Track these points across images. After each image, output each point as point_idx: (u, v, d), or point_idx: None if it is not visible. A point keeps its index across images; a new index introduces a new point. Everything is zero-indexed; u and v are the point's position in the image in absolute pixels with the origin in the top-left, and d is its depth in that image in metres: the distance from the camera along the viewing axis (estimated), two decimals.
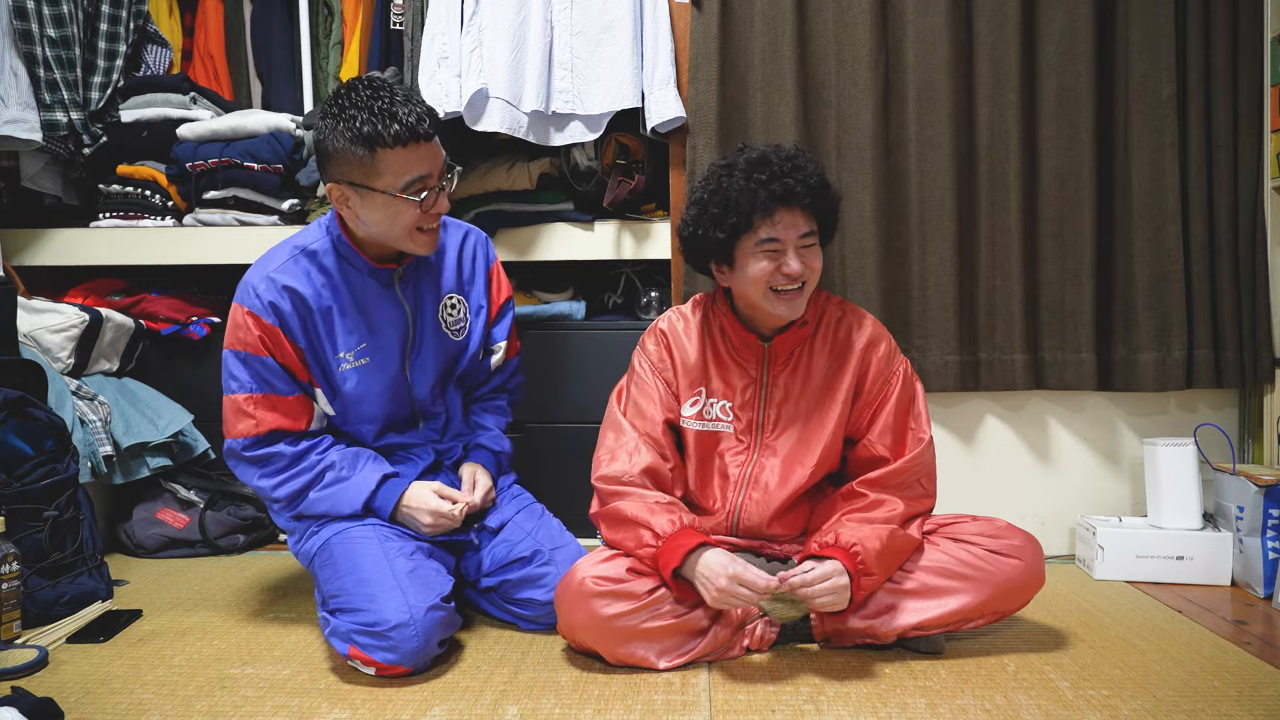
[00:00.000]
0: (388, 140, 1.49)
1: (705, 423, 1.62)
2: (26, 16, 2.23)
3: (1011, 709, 1.32)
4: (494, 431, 1.86)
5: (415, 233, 1.59)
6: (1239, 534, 1.96)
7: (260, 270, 1.63)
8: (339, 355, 1.65)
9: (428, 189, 1.56)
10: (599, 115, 2.18)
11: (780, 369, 1.61)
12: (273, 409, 1.61)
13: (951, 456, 2.25)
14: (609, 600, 1.44)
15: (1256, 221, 2.14)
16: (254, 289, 1.60)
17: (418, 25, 2.20)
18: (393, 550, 1.55)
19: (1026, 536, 1.55)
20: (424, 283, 1.72)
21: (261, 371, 1.60)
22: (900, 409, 1.59)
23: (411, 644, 1.41)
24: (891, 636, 1.51)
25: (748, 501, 1.62)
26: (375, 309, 1.66)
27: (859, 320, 1.63)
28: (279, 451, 1.63)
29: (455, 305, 1.76)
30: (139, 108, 2.43)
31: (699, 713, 1.32)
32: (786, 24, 2.16)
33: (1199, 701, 1.35)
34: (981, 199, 2.18)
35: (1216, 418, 2.22)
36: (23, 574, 1.67)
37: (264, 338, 1.59)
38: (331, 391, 1.67)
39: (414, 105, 1.52)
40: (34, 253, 2.39)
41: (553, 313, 2.32)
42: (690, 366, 1.62)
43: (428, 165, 1.55)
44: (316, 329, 1.63)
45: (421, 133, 1.51)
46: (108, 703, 1.37)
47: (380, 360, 1.67)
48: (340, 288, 1.64)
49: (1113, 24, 2.16)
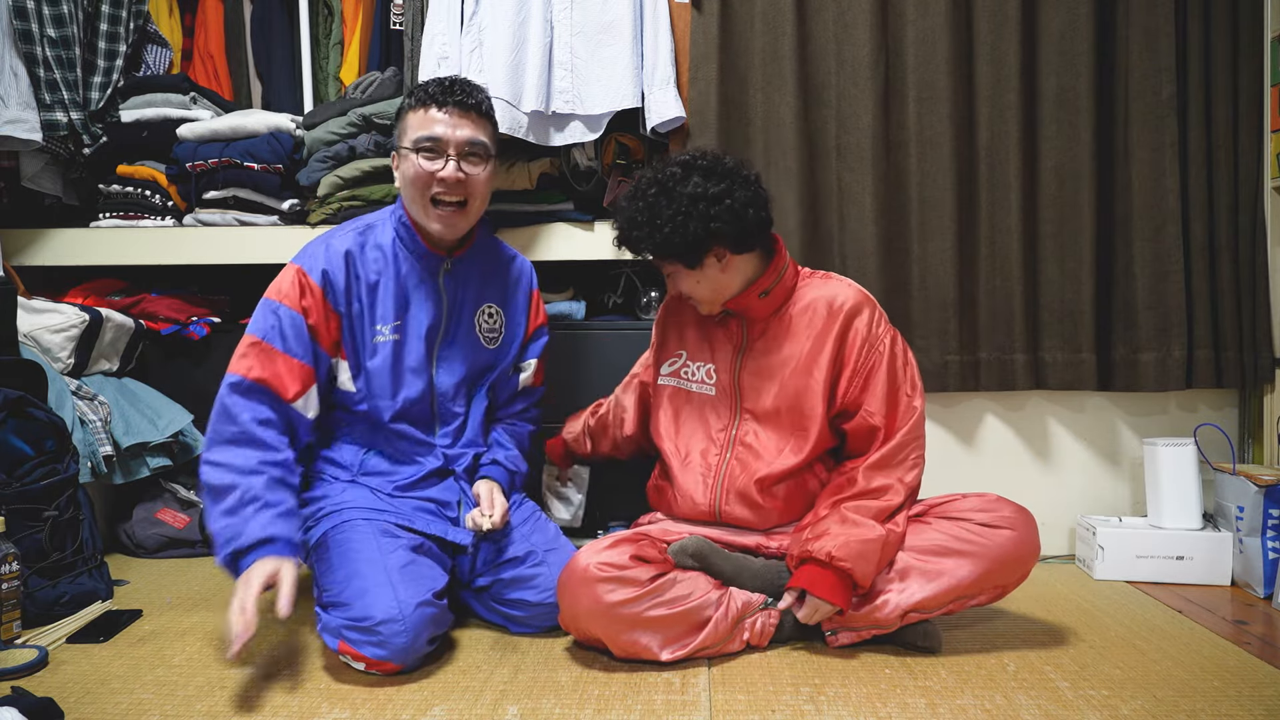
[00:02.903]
0: (415, 99, 1.63)
1: (681, 380, 1.75)
2: (26, 16, 2.23)
3: (1011, 709, 1.32)
4: (514, 453, 1.85)
5: (429, 204, 1.63)
6: (1239, 534, 1.96)
7: (323, 239, 1.69)
8: (375, 328, 1.67)
9: (441, 154, 1.61)
10: (599, 115, 2.18)
11: (757, 337, 1.69)
12: (270, 361, 1.57)
13: (951, 456, 2.26)
14: (613, 586, 1.46)
15: (1256, 221, 2.15)
16: (311, 252, 1.66)
17: (418, 25, 2.20)
18: (388, 545, 1.54)
19: (1017, 508, 1.57)
20: (468, 284, 1.76)
21: (282, 323, 1.59)
22: (891, 377, 1.62)
23: (400, 640, 1.41)
24: (894, 619, 1.53)
25: (734, 463, 1.66)
26: (417, 293, 1.71)
27: (840, 288, 1.67)
28: (249, 416, 1.54)
29: (493, 314, 1.80)
30: (139, 108, 2.43)
31: (699, 713, 1.32)
32: (786, 24, 2.16)
33: (1199, 701, 1.35)
34: (981, 199, 2.18)
35: (1216, 418, 2.22)
36: (23, 574, 1.67)
37: (305, 294, 1.61)
38: (357, 367, 1.68)
39: (464, 84, 1.64)
40: (34, 253, 2.39)
41: (553, 313, 2.31)
42: (683, 331, 1.78)
43: (446, 131, 1.61)
44: (361, 299, 1.66)
45: (448, 101, 1.61)
46: (108, 703, 1.37)
47: (409, 341, 1.70)
48: (389, 264, 1.69)
49: (1113, 24, 2.16)
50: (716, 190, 1.56)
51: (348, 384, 1.68)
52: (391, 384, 1.69)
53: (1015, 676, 1.45)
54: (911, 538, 1.57)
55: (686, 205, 1.55)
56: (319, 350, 1.63)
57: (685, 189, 1.56)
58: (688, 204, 1.55)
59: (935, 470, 1.69)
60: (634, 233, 1.61)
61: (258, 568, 1.41)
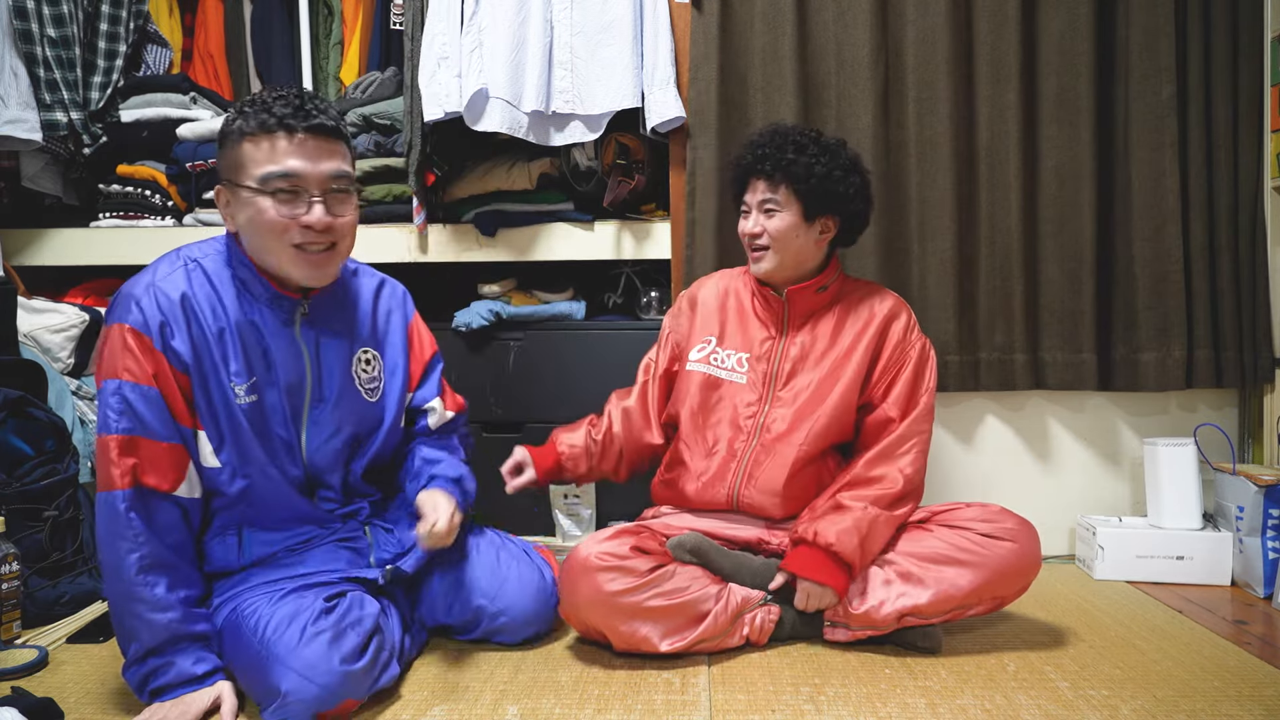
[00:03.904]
0: (251, 126, 1.31)
1: (712, 367, 1.74)
2: (26, 16, 2.23)
3: (1011, 709, 1.32)
4: (451, 460, 1.59)
5: (293, 250, 1.34)
6: (1239, 534, 1.96)
7: (141, 281, 1.35)
8: (232, 388, 1.37)
9: (300, 194, 1.33)
10: (599, 115, 2.18)
11: (798, 329, 1.72)
12: (138, 455, 1.29)
13: (952, 456, 2.25)
14: (613, 575, 1.47)
15: (1256, 221, 2.14)
16: (135, 302, 1.32)
17: (418, 25, 2.20)
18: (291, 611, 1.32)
19: (1021, 520, 1.58)
20: (333, 330, 1.47)
21: (138, 404, 1.29)
22: (914, 377, 1.68)
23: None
24: (889, 621, 1.53)
25: (759, 450, 1.67)
26: (272, 345, 1.40)
27: (881, 294, 1.76)
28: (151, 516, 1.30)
29: (370, 361, 1.52)
30: (139, 108, 2.43)
31: (699, 713, 1.32)
32: (786, 24, 2.16)
33: (1199, 701, 1.35)
34: (981, 199, 2.18)
35: (1216, 418, 2.22)
36: (23, 574, 1.68)
37: (147, 360, 1.30)
38: (218, 435, 1.37)
39: (307, 103, 1.33)
40: (34, 253, 2.39)
41: (553, 313, 2.32)
42: (707, 316, 1.79)
43: (305, 166, 1.32)
44: (210, 350, 1.35)
45: (300, 125, 1.31)
46: (108, 703, 1.37)
47: (269, 403, 1.40)
48: (233, 310, 1.38)
49: (1113, 24, 2.16)
50: (863, 172, 1.70)
51: (210, 458, 1.37)
52: (264, 452, 1.40)
53: (1015, 676, 1.45)
54: (912, 544, 1.57)
55: (843, 161, 1.66)
56: (179, 424, 1.34)
57: (842, 150, 1.68)
58: (845, 161, 1.66)
59: (935, 470, 1.69)
60: (777, 151, 1.64)
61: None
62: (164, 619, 1.28)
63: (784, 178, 1.64)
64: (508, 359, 2.27)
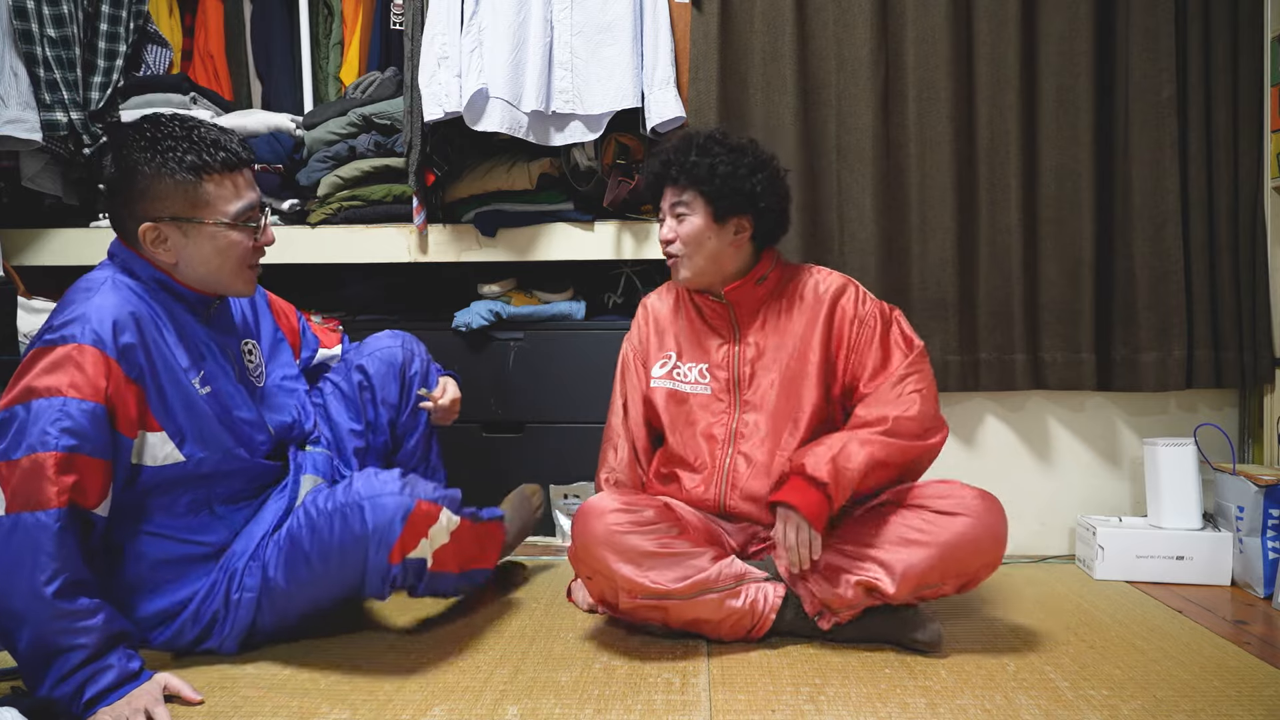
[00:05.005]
0: (215, 166, 1.41)
1: (676, 382, 1.74)
2: (26, 16, 2.23)
3: (1011, 709, 1.32)
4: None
5: (247, 270, 1.50)
6: (1239, 534, 1.96)
7: (90, 302, 1.38)
8: (191, 382, 1.46)
9: (254, 219, 1.48)
10: (599, 115, 2.18)
11: (749, 329, 1.72)
12: (76, 471, 1.29)
13: (951, 456, 2.25)
14: (623, 515, 1.50)
15: (1256, 221, 2.15)
16: (81, 322, 1.35)
17: (418, 25, 2.20)
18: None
19: (979, 493, 1.54)
20: (224, 326, 1.60)
21: (83, 420, 1.30)
22: (883, 344, 1.67)
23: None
24: (859, 598, 1.52)
25: (737, 457, 1.68)
26: (202, 340, 1.52)
27: (824, 274, 1.74)
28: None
29: (252, 350, 1.65)
30: (139, 108, 2.42)
31: (699, 712, 1.32)
32: (786, 24, 2.16)
33: (1199, 701, 1.35)
34: (981, 199, 2.18)
35: (1216, 418, 2.22)
36: None
37: (98, 375, 1.32)
38: (179, 433, 1.44)
39: (231, 135, 1.46)
40: (34, 253, 2.39)
41: (553, 313, 2.32)
42: (663, 333, 1.79)
43: (254, 194, 1.48)
44: (161, 353, 1.43)
45: (246, 158, 1.47)
46: None
47: (225, 391, 1.52)
48: (164, 314, 1.46)
49: (1113, 24, 2.16)
50: (773, 168, 1.67)
51: (174, 454, 1.44)
52: (232, 437, 1.51)
53: (1015, 676, 1.45)
54: (879, 526, 1.56)
55: (748, 159, 1.64)
56: (120, 436, 1.37)
57: (750, 149, 1.66)
58: (749, 158, 1.65)
59: (935, 470, 1.68)
60: (681, 155, 1.64)
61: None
62: (95, 623, 1.29)
63: (689, 180, 1.64)
64: (508, 359, 2.28)
